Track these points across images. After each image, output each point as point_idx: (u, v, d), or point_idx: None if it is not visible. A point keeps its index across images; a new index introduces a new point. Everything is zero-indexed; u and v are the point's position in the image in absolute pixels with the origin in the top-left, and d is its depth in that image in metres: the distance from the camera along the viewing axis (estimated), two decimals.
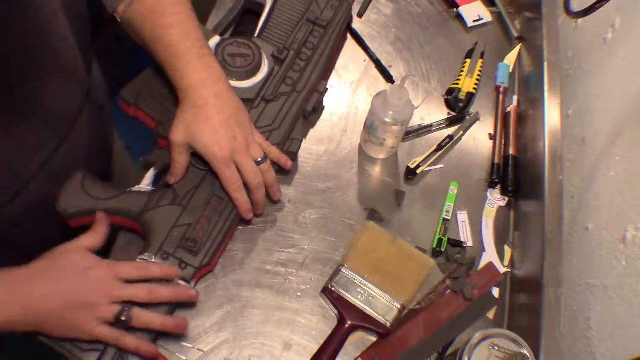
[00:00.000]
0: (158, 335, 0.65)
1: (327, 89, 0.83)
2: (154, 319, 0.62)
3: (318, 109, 0.83)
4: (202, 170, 0.71)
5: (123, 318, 0.60)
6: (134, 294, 0.61)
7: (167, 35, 0.67)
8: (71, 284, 0.60)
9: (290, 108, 0.77)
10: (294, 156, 0.78)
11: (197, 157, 0.70)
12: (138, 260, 0.66)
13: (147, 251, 0.67)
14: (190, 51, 0.67)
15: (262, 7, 0.85)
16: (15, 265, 0.59)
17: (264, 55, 0.78)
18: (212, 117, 0.67)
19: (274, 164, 0.74)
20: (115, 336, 0.60)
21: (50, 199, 0.66)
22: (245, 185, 0.70)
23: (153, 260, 0.66)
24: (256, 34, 0.83)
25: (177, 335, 0.65)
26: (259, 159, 0.70)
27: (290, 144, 0.77)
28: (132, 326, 0.61)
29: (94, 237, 0.64)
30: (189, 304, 0.68)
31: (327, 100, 0.85)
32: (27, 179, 0.65)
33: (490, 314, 0.74)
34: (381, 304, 0.70)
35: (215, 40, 0.78)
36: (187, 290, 0.65)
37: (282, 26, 0.83)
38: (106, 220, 0.66)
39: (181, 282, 0.66)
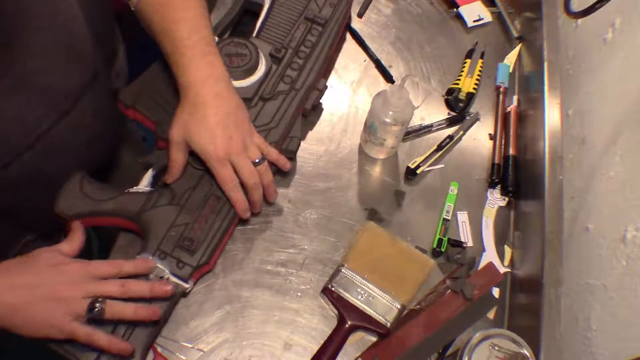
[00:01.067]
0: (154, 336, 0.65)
1: (326, 87, 0.83)
2: (127, 308, 0.61)
3: (317, 107, 0.83)
4: (200, 169, 0.71)
5: (96, 309, 0.59)
6: (107, 289, 0.60)
7: (174, 29, 0.67)
8: (40, 277, 0.59)
9: (288, 106, 0.77)
10: (293, 154, 0.78)
11: (195, 157, 0.70)
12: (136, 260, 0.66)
13: (144, 251, 0.67)
14: (195, 48, 0.67)
15: (261, 7, 0.85)
16: (6, 232, 0.59)
17: (261, 54, 0.78)
18: (210, 116, 0.67)
19: (273, 164, 0.74)
20: (87, 333, 0.59)
21: (46, 171, 0.67)
22: (242, 185, 0.70)
23: (151, 260, 0.66)
24: (254, 34, 0.83)
25: (149, 323, 0.63)
26: (257, 160, 0.70)
27: (289, 142, 0.77)
28: (106, 319, 0.60)
29: (70, 245, 0.64)
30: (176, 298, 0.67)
31: (326, 100, 0.85)
32: (23, 149, 0.65)
33: (490, 314, 0.74)
34: (381, 304, 0.70)
35: None
36: (163, 285, 0.64)
37: (280, 25, 0.83)
38: (82, 228, 0.65)
39: (179, 282, 0.67)
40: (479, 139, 0.87)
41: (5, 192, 0.66)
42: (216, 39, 0.78)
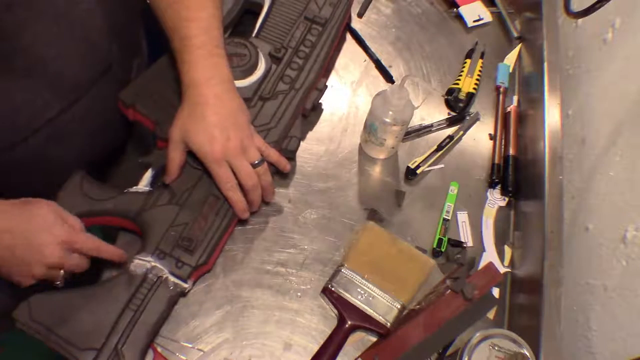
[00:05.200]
0: (155, 333, 0.66)
1: (326, 87, 0.83)
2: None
3: (317, 107, 0.83)
4: (199, 169, 0.71)
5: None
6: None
7: (185, 27, 0.68)
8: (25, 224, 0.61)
9: (288, 106, 0.77)
10: (292, 154, 0.78)
11: (194, 157, 0.70)
12: (135, 259, 0.66)
13: (144, 251, 0.67)
14: (202, 48, 0.67)
15: (261, 7, 0.85)
16: None
17: (260, 54, 0.78)
18: (208, 117, 0.67)
19: (272, 165, 0.74)
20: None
21: (50, 156, 0.68)
22: (241, 186, 0.70)
23: (149, 259, 0.66)
24: (254, 34, 0.83)
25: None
26: (256, 162, 0.69)
27: (288, 142, 0.77)
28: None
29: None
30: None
31: (327, 100, 0.85)
32: (29, 132, 0.66)
33: (490, 314, 0.74)
34: (381, 304, 0.70)
35: None
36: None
37: (280, 25, 0.83)
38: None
39: (178, 282, 0.67)
40: (479, 139, 0.87)
41: (10, 175, 0.67)
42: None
